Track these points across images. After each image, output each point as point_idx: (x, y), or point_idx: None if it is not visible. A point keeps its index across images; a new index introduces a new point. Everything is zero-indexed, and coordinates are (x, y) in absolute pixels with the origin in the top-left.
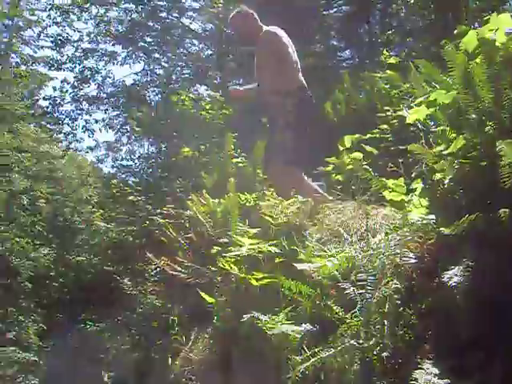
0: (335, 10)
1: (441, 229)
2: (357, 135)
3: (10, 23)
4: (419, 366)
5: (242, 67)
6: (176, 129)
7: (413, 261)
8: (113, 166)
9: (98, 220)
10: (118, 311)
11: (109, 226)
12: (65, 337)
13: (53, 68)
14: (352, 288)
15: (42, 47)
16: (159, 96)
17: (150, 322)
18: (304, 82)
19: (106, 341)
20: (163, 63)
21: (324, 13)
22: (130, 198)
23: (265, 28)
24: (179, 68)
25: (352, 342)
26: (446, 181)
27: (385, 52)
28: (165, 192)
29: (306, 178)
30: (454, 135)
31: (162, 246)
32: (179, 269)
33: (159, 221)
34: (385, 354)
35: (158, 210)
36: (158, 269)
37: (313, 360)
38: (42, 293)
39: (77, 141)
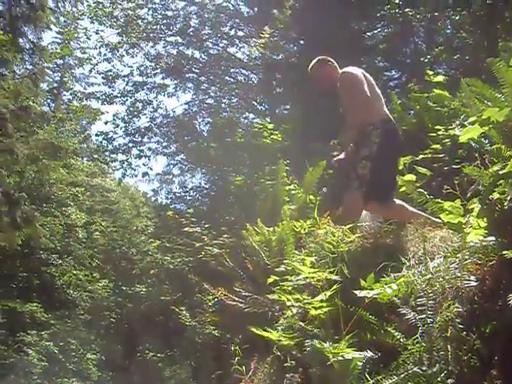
0: (379, 30)
1: (504, 252)
2: (409, 156)
3: (62, 62)
4: None
5: (289, 94)
6: (228, 158)
7: (474, 283)
8: (167, 198)
9: (155, 251)
10: (177, 341)
11: (165, 256)
12: (124, 367)
13: (105, 102)
14: (412, 313)
15: (92, 84)
16: (209, 125)
17: (209, 352)
18: (389, 114)
19: (165, 370)
20: (212, 93)
21: (368, 34)
22: (186, 228)
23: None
24: (228, 96)
25: (415, 368)
26: (506, 202)
27: (428, 72)
28: (220, 222)
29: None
30: (510, 153)
31: (218, 275)
32: (237, 299)
33: (215, 251)
34: (450, 380)
35: (215, 241)
36: (216, 299)
37: None
38: (101, 324)
39: (132, 169)
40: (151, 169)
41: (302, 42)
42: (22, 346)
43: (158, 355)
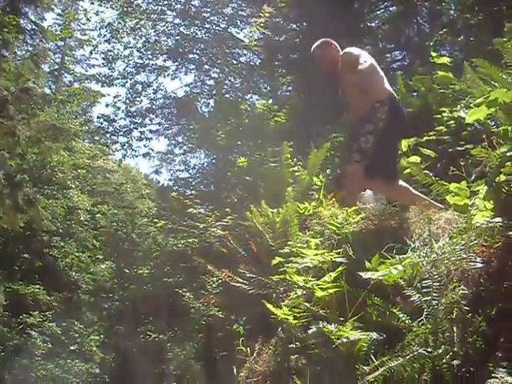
0: (382, 10)
1: (510, 234)
2: (413, 138)
3: (62, 44)
4: (493, 375)
5: (291, 75)
6: (231, 139)
7: (479, 265)
8: (170, 179)
9: (157, 232)
10: (180, 322)
11: (168, 238)
12: (126, 348)
13: (105, 84)
14: (418, 295)
15: (92, 65)
16: (210, 107)
17: (213, 334)
18: (394, 92)
19: (168, 352)
20: (213, 74)
21: (371, 14)
22: (190, 210)
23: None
24: (230, 78)
25: (421, 350)
26: None
27: (433, 53)
28: (223, 203)
29: (403, 185)
30: None
31: (222, 257)
32: (241, 280)
33: (219, 232)
34: (455, 362)
35: (218, 222)
36: (220, 280)
37: (381, 370)
38: (103, 305)
39: (133, 150)
40: (152, 150)
41: (303, 22)
42: (25, 328)
43: (161, 337)
